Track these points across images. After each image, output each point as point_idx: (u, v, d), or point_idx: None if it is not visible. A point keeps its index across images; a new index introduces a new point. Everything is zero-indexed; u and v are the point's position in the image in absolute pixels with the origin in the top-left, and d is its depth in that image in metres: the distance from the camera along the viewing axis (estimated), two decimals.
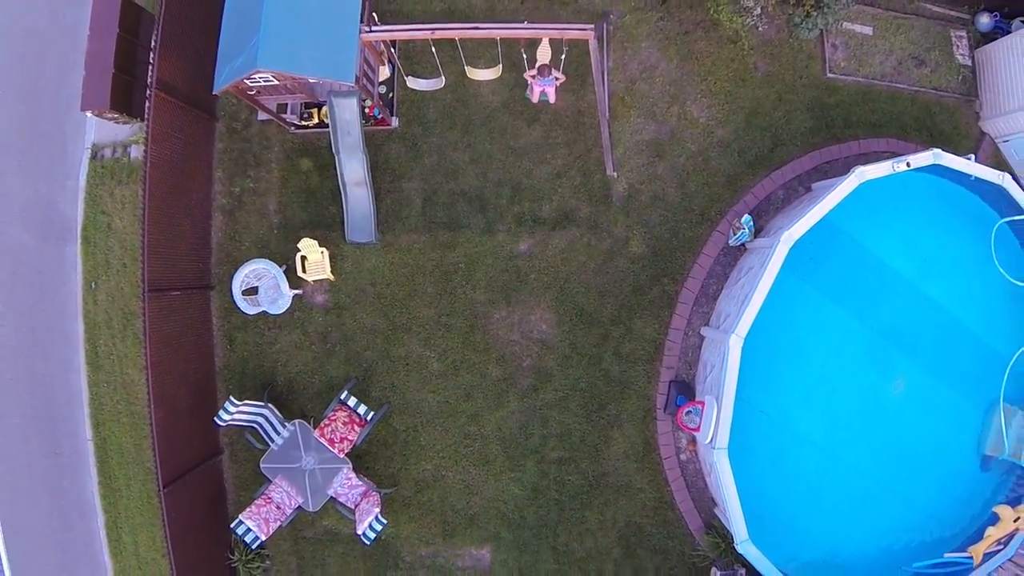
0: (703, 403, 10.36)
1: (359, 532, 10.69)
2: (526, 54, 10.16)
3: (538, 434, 11.89)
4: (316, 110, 12.09)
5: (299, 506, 11.17)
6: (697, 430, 10.35)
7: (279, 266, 11.87)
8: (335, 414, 11.22)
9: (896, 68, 12.57)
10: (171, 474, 10.76)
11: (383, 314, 12.05)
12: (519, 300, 12.00)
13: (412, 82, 10.76)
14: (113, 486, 12.47)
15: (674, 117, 12.23)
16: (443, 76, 10.62)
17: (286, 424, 11.29)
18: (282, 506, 11.13)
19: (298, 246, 11.63)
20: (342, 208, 11.68)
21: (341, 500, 11.23)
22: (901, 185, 10.76)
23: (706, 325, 11.74)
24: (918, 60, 12.59)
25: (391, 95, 12.30)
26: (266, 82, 10.24)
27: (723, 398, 9.84)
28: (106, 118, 11.69)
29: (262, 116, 12.21)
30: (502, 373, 11.94)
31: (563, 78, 10.45)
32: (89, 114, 11.82)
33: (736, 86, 12.28)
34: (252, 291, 11.92)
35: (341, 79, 9.60)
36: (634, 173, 12.14)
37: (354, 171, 11.28)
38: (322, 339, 12.05)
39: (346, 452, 11.12)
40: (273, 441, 11.25)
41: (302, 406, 11.99)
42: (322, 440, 11.07)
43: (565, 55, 10.05)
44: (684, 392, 11.57)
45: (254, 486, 11.73)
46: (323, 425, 11.14)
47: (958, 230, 11.43)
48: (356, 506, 11.17)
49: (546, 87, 10.56)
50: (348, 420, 11.21)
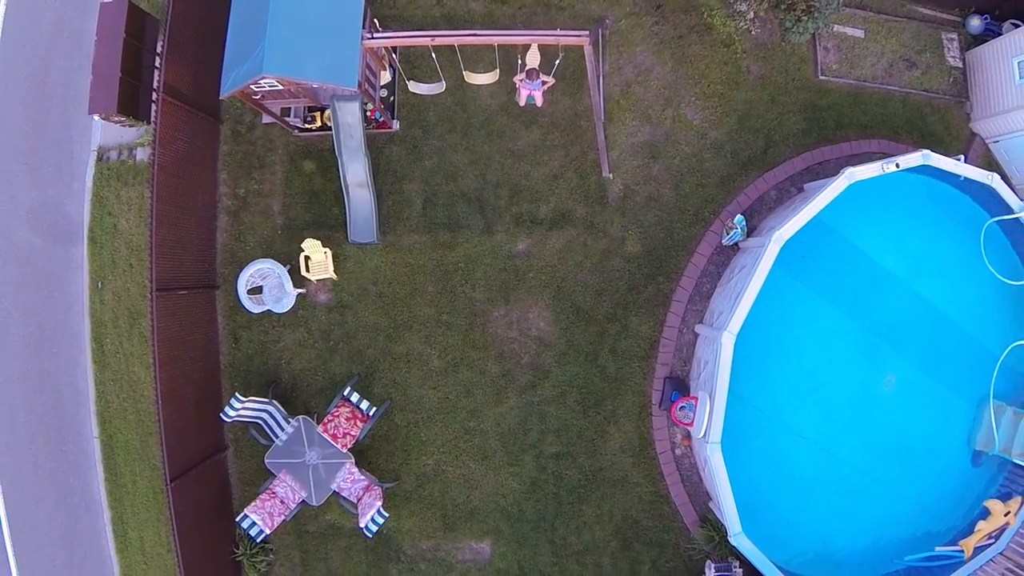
0: (697, 399, 10.53)
1: (361, 526, 10.84)
2: (522, 59, 10.32)
3: (536, 429, 12.05)
4: (319, 113, 12.22)
5: (303, 500, 11.31)
6: (691, 425, 10.48)
7: (283, 266, 12.01)
8: (338, 410, 11.38)
9: (887, 70, 12.66)
10: (178, 469, 10.86)
11: (385, 312, 12.22)
12: (517, 298, 12.17)
13: (413, 86, 10.91)
14: (119, 482, 12.58)
15: (669, 119, 12.38)
16: (443, 80, 10.76)
17: (290, 420, 11.44)
18: (286, 500, 11.29)
19: (302, 246, 11.80)
20: (345, 209, 11.82)
21: (344, 494, 11.37)
22: (892, 185, 10.87)
23: (700, 322, 11.89)
24: (909, 62, 12.69)
25: (392, 99, 12.46)
26: (271, 87, 10.40)
27: (716, 394, 9.96)
28: (113, 121, 11.82)
29: (266, 119, 12.32)
30: (501, 370, 12.11)
31: (552, 81, 10.57)
32: (96, 117, 11.94)
33: (729, 89, 12.42)
34: (257, 290, 12.05)
35: (344, 84, 9.78)
36: (629, 174, 12.31)
37: (356, 173, 11.41)
38: (325, 337, 12.21)
39: (349, 447, 11.25)
40: (277, 437, 11.38)
41: (306, 402, 12.15)
42: (325, 435, 11.20)
43: (560, 60, 10.19)
44: (679, 388, 11.68)
45: (258, 481, 11.88)
46: (326, 421, 11.29)
47: (948, 229, 11.54)
48: (358, 500, 11.31)
49: (533, 91, 10.70)
50: (351, 416, 11.37)
